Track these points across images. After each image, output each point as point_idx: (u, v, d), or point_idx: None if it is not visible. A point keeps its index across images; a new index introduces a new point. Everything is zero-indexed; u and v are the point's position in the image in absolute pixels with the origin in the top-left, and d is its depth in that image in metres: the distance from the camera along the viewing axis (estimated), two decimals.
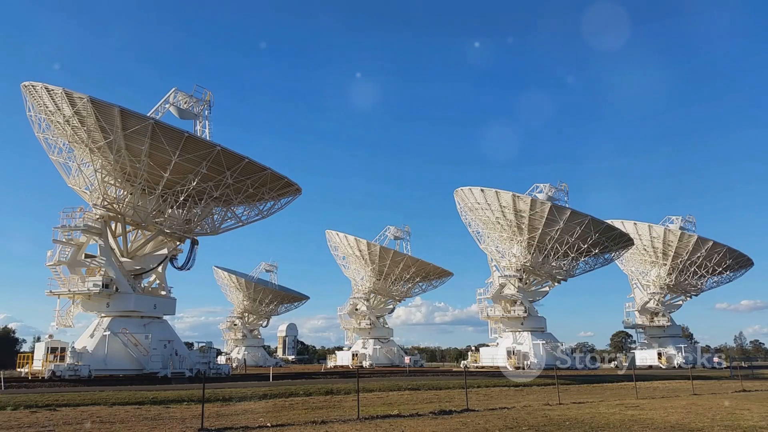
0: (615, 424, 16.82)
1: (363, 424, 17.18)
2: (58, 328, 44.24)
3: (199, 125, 47.51)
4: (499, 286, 68.08)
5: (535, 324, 67.75)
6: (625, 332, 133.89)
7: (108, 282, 42.80)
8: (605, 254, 67.44)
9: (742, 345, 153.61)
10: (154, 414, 20.02)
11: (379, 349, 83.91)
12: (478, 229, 70.40)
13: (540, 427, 16.38)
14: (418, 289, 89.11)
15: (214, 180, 43.59)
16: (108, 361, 41.47)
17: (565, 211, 61.76)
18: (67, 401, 23.17)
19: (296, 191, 49.30)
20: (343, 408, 22.14)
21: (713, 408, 21.44)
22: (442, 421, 17.92)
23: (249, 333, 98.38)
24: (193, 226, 47.36)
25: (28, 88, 40.97)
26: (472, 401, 23.80)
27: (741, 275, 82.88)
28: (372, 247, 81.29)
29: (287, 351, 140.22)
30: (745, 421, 17.14)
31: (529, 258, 66.30)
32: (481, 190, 65.63)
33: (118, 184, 45.10)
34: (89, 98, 38.22)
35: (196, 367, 44.81)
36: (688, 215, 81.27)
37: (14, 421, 17.80)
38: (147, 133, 39.60)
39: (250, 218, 50.55)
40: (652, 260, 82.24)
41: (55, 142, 43.49)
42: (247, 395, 26.61)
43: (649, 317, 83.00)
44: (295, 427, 16.38)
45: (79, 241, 43.54)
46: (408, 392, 30.69)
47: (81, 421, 17.96)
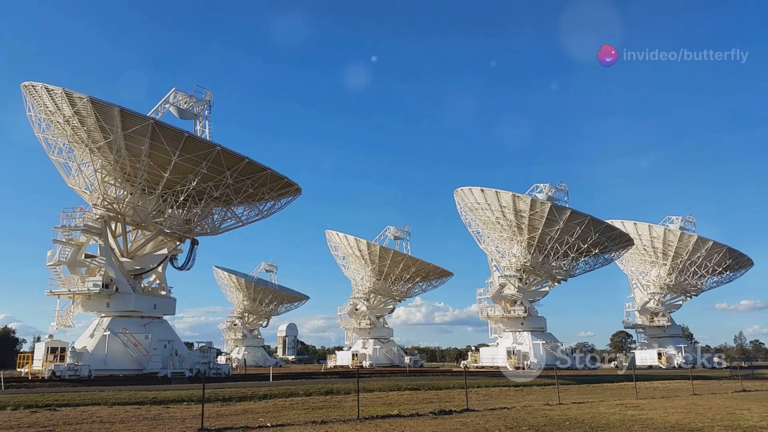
0: (615, 424, 16.81)
1: (363, 424, 17.16)
2: (58, 328, 44.33)
3: (199, 125, 47.57)
4: (499, 286, 68.10)
5: (535, 324, 67.80)
6: (625, 332, 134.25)
7: (108, 282, 42.84)
8: (605, 254, 67.49)
9: (742, 345, 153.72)
10: (154, 414, 20.01)
11: (379, 349, 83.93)
12: (478, 229, 70.45)
13: (540, 427, 16.38)
14: (418, 289, 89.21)
15: (214, 180, 43.61)
16: (108, 361, 41.51)
17: (565, 211, 61.79)
18: (67, 401, 23.15)
19: (296, 191, 49.33)
20: (343, 408, 22.12)
21: (713, 408, 21.44)
22: (442, 421, 17.91)
23: (249, 333, 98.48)
24: (193, 226, 47.37)
25: (28, 88, 40.98)
26: (472, 401, 23.79)
27: (741, 275, 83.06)
28: (372, 247, 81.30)
29: (287, 351, 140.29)
30: (745, 421, 17.13)
31: (529, 258, 66.33)
32: (481, 190, 65.65)
33: (118, 184, 45.12)
34: (89, 98, 38.25)
35: (196, 367, 44.81)
36: (688, 215, 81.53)
37: (14, 421, 17.79)
38: (147, 133, 39.64)
39: (250, 218, 50.61)
40: (652, 260, 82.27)
41: (55, 142, 43.50)
42: (247, 395, 26.57)
43: (649, 317, 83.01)
44: (295, 427, 16.36)
45: (79, 241, 43.56)
46: (408, 392, 30.66)
47: (81, 421, 17.95)
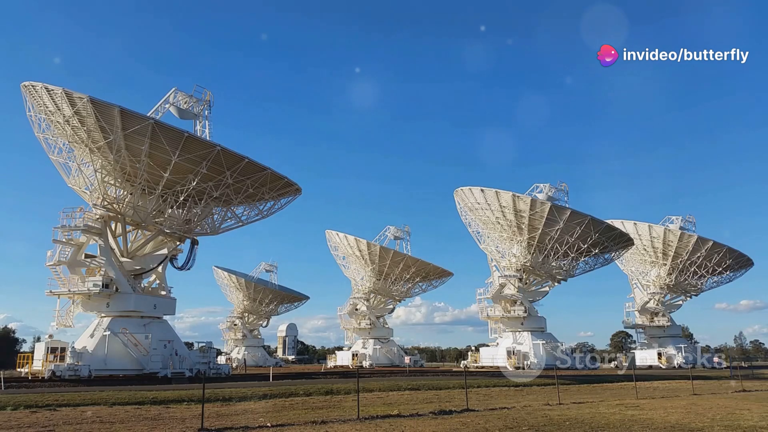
0: (615, 424, 16.82)
1: (363, 424, 17.16)
2: (58, 328, 44.29)
3: (199, 125, 47.55)
4: (499, 286, 68.08)
5: (535, 324, 67.77)
6: (625, 332, 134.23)
7: (108, 282, 42.82)
8: (605, 254, 67.48)
9: (742, 345, 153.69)
10: (154, 414, 20.01)
11: (379, 349, 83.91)
12: (478, 229, 70.44)
13: (540, 427, 16.38)
14: (418, 289, 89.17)
15: (214, 180, 43.59)
16: (108, 361, 41.46)
17: (565, 211, 61.78)
18: (67, 401, 23.15)
19: (296, 191, 49.31)
20: (343, 408, 22.12)
21: (713, 408, 21.44)
22: (442, 421, 17.91)
23: (249, 333, 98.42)
24: (193, 226, 47.36)
25: (28, 88, 40.95)
26: (472, 401, 23.79)
27: (741, 275, 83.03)
28: (372, 247, 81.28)
29: (287, 351, 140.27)
30: (745, 421, 17.14)
31: (529, 258, 66.32)
32: (481, 190, 65.64)
33: (118, 184, 45.09)
34: (89, 98, 38.21)
35: (196, 367, 44.78)
36: (688, 215, 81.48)
37: (14, 421, 17.79)
38: (147, 133, 39.61)
39: (250, 218, 50.59)
40: (652, 260, 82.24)
41: (55, 142, 43.48)
42: (247, 395, 26.58)
43: (649, 317, 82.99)
44: (295, 427, 16.37)
45: (79, 241, 43.54)
46: (408, 392, 30.67)
47: (81, 421, 17.95)
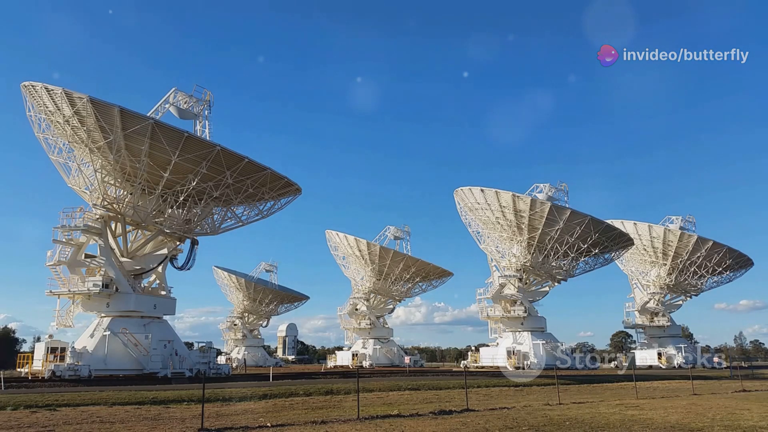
0: (615, 424, 16.82)
1: (363, 424, 17.17)
2: (58, 328, 44.32)
3: (199, 125, 47.54)
4: (499, 286, 68.07)
5: (535, 324, 67.76)
6: (625, 332, 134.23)
7: (108, 282, 42.82)
8: (605, 254, 67.47)
9: (742, 345, 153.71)
10: (154, 414, 20.02)
11: (379, 349, 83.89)
12: (478, 229, 70.42)
13: (540, 427, 16.38)
14: (418, 289, 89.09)
15: (214, 180, 43.59)
16: (108, 361, 41.47)
17: (565, 211, 61.77)
18: (67, 401, 23.16)
19: (296, 191, 49.31)
20: (343, 408, 22.13)
21: (713, 408, 21.44)
22: (442, 421, 17.91)
23: (249, 333, 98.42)
24: (193, 226, 47.35)
25: (28, 88, 40.94)
26: (472, 401, 23.80)
27: (741, 275, 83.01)
28: (372, 247, 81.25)
29: (287, 351, 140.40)
30: (745, 421, 17.14)
31: (529, 258, 66.30)
32: (481, 190, 65.63)
33: (118, 184, 45.10)
34: (89, 98, 38.20)
35: (196, 367, 44.78)
36: (688, 215, 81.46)
37: (14, 421, 17.79)
38: (147, 133, 39.60)
39: (250, 218, 50.58)
40: (652, 260, 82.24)
41: (55, 142, 43.48)
42: (247, 395, 26.60)
43: (649, 317, 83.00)
44: (295, 427, 16.37)
45: (79, 241, 43.54)
46: (408, 392, 30.67)
47: (81, 421, 17.95)
